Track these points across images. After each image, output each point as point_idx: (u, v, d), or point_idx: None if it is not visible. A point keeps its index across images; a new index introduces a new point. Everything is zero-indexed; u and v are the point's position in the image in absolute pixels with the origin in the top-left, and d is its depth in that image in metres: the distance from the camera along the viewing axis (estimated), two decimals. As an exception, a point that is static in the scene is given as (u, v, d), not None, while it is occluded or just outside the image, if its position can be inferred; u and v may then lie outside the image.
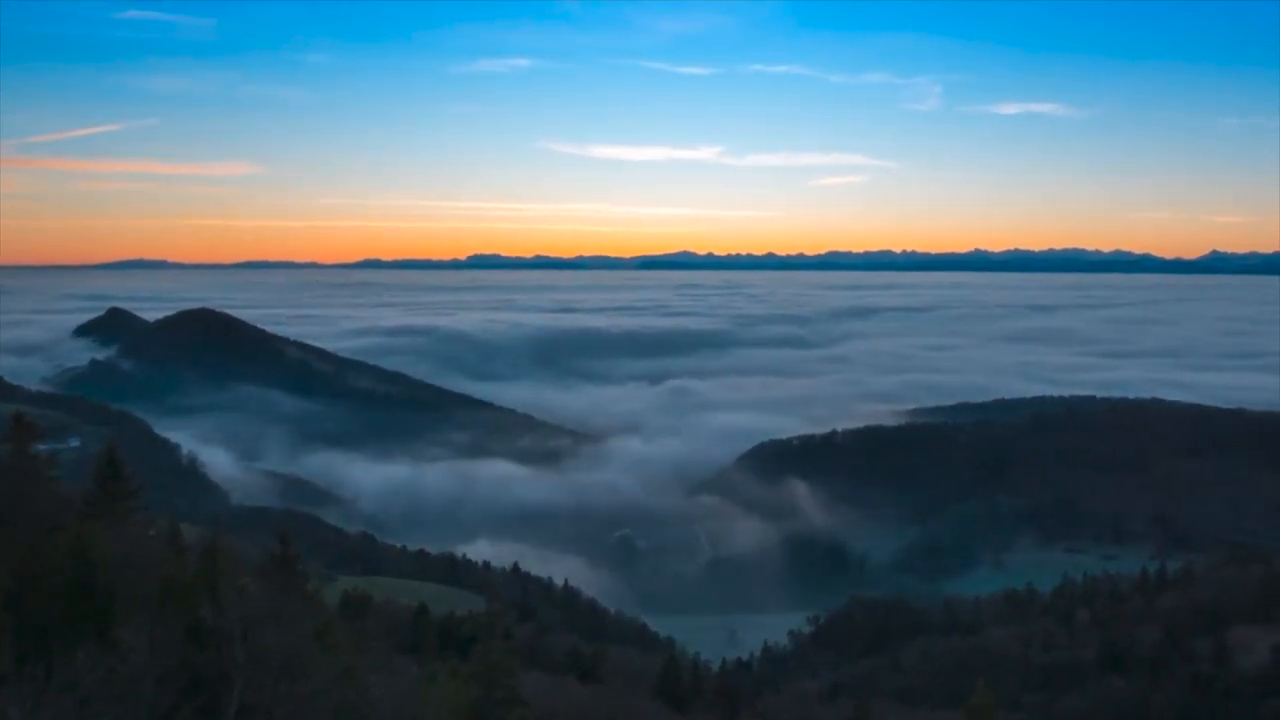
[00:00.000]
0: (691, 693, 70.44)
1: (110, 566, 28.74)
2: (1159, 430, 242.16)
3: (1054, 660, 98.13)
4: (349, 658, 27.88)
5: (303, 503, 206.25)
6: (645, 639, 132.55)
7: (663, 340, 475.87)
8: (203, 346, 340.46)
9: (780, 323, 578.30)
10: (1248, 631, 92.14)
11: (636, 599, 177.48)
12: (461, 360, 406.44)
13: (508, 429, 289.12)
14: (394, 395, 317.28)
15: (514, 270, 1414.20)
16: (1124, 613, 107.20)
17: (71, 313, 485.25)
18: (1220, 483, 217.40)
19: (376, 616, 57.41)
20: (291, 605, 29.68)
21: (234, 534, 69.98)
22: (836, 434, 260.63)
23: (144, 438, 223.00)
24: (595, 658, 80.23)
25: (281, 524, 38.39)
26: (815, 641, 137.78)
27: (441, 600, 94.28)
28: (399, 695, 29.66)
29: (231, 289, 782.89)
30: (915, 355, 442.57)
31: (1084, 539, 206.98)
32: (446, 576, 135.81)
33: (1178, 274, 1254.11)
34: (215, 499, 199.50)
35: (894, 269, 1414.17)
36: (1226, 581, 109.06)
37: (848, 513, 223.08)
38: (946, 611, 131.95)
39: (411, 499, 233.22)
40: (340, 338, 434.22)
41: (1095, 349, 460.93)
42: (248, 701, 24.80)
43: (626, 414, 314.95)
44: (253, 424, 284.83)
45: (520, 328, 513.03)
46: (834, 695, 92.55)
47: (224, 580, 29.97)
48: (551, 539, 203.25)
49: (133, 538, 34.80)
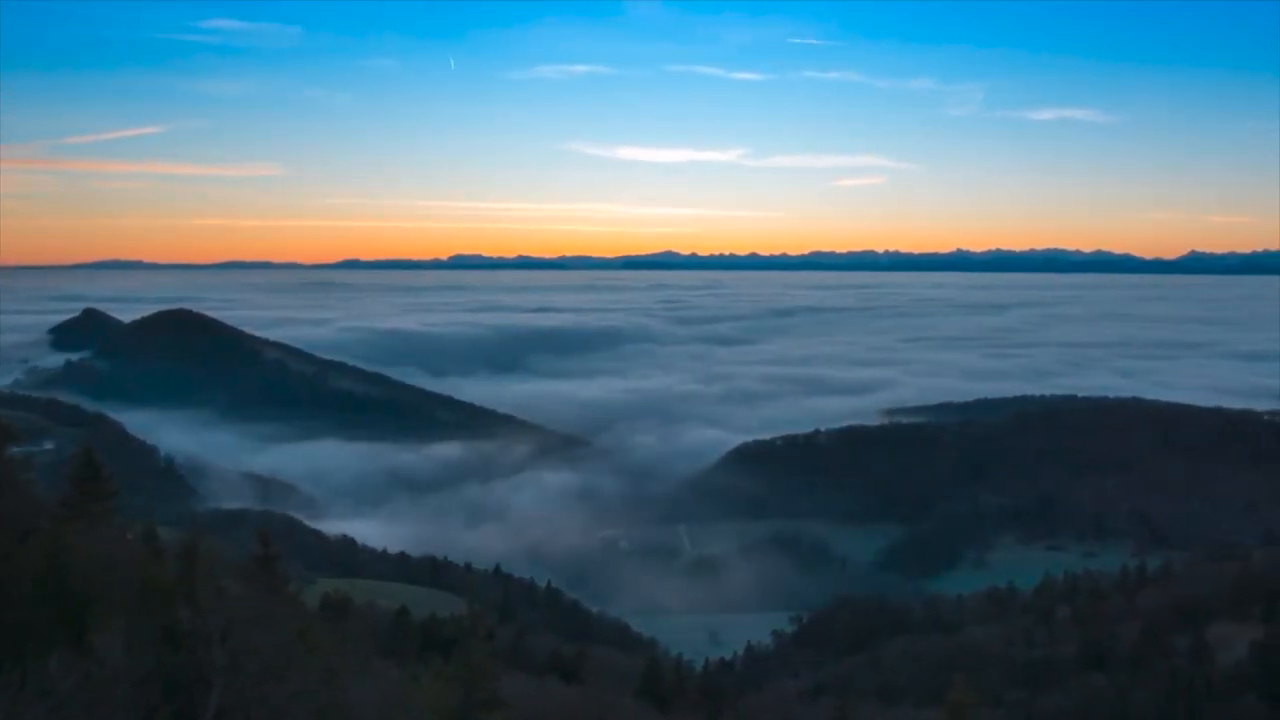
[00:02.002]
0: (674, 693, 70.28)
1: (86, 570, 28.30)
2: (1139, 429, 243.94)
3: (1035, 658, 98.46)
4: (329, 660, 27.54)
5: (282, 504, 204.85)
6: (628, 639, 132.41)
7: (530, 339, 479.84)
8: (179, 347, 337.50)
9: (700, 323, 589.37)
10: (1226, 628, 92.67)
11: (619, 599, 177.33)
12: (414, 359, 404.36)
13: (490, 429, 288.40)
14: (375, 396, 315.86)
15: (494, 270, 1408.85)
16: (1105, 610, 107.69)
17: (48, 313, 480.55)
18: (1199, 481, 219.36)
19: (357, 619, 56.93)
20: (271, 607, 29.31)
21: (212, 536, 69.37)
22: (819, 434, 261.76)
23: (120, 439, 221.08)
24: (577, 658, 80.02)
25: (260, 526, 37.91)
26: (798, 641, 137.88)
27: (422, 602, 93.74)
28: (379, 698, 29.33)
29: (229, 289, 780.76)
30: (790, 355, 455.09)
31: (1065, 537, 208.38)
32: (427, 578, 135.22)
33: (1157, 274, 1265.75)
34: (193, 501, 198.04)
35: (876, 269, 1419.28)
36: (1205, 579, 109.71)
37: (830, 512, 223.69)
38: (928, 610, 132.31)
39: (390, 499, 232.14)
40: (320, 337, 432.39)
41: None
42: (226, 705, 24.42)
43: (597, 412, 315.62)
44: (230, 425, 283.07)
45: (436, 329, 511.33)
46: (816, 694, 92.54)
47: (203, 582, 29.58)
48: (533, 539, 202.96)
49: (109, 540, 34.31)
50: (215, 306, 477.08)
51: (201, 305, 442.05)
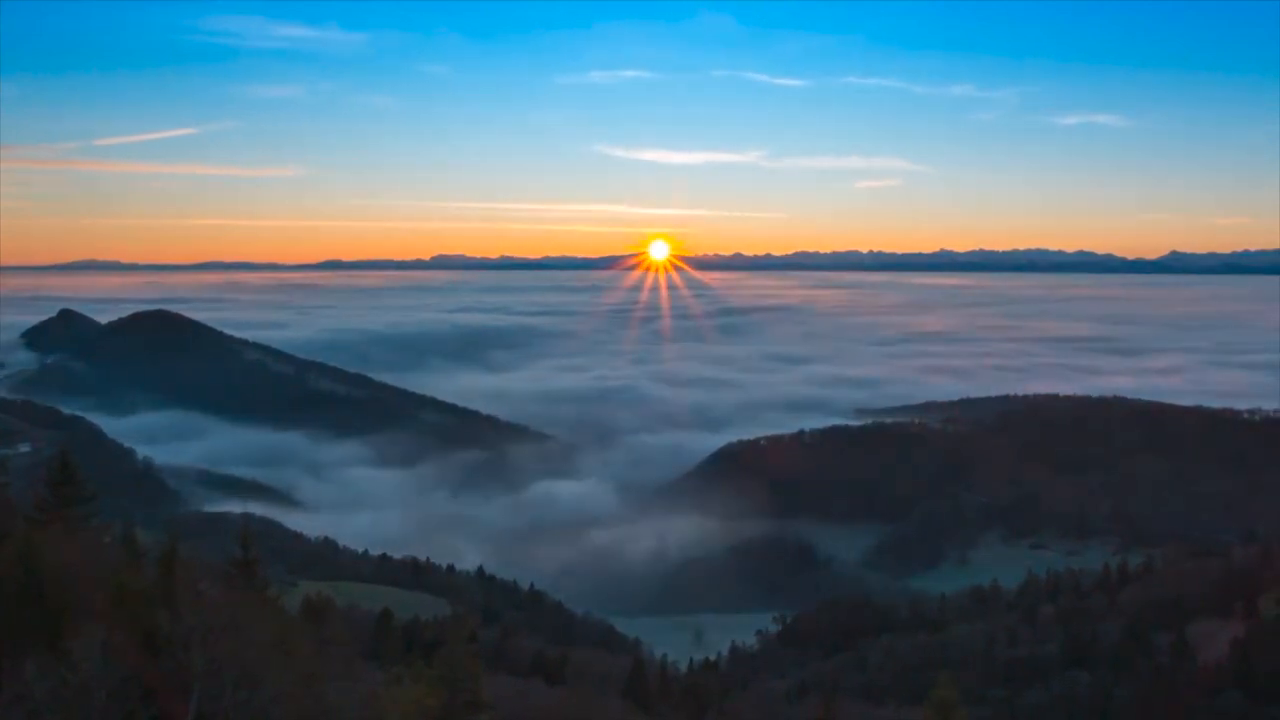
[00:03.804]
0: (659, 694, 70.16)
1: (61, 574, 27.88)
2: (1121, 429, 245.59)
3: (1018, 655, 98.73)
4: (309, 664, 27.20)
5: (262, 507, 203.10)
6: (612, 641, 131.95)
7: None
8: (157, 348, 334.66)
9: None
10: (1207, 625, 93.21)
11: (603, 601, 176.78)
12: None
13: (469, 429, 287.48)
14: (355, 396, 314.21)
15: (476, 270, 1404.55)
16: (1087, 608, 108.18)
17: (23, 314, 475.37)
18: (1180, 480, 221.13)
19: (339, 622, 56.46)
20: (250, 611, 28.92)
21: (191, 539, 68.68)
22: (804, 434, 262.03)
23: (97, 442, 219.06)
24: (561, 660, 79.80)
25: (240, 529, 37.57)
26: (782, 641, 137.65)
27: (405, 604, 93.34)
28: (360, 701, 29.00)
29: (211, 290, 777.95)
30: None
31: (1048, 536, 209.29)
32: (410, 580, 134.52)
33: (1138, 274, 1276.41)
34: (171, 504, 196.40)
35: (860, 269, 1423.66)
36: (1187, 577, 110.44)
37: (814, 512, 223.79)
38: (912, 609, 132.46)
39: (372, 501, 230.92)
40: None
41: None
42: (205, 710, 24.10)
43: (576, 411, 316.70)
44: (210, 427, 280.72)
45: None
46: (801, 694, 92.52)
47: (181, 586, 29.18)
48: (516, 541, 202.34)
49: (86, 544, 33.86)
50: (195, 308, 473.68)
51: (180, 306, 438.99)
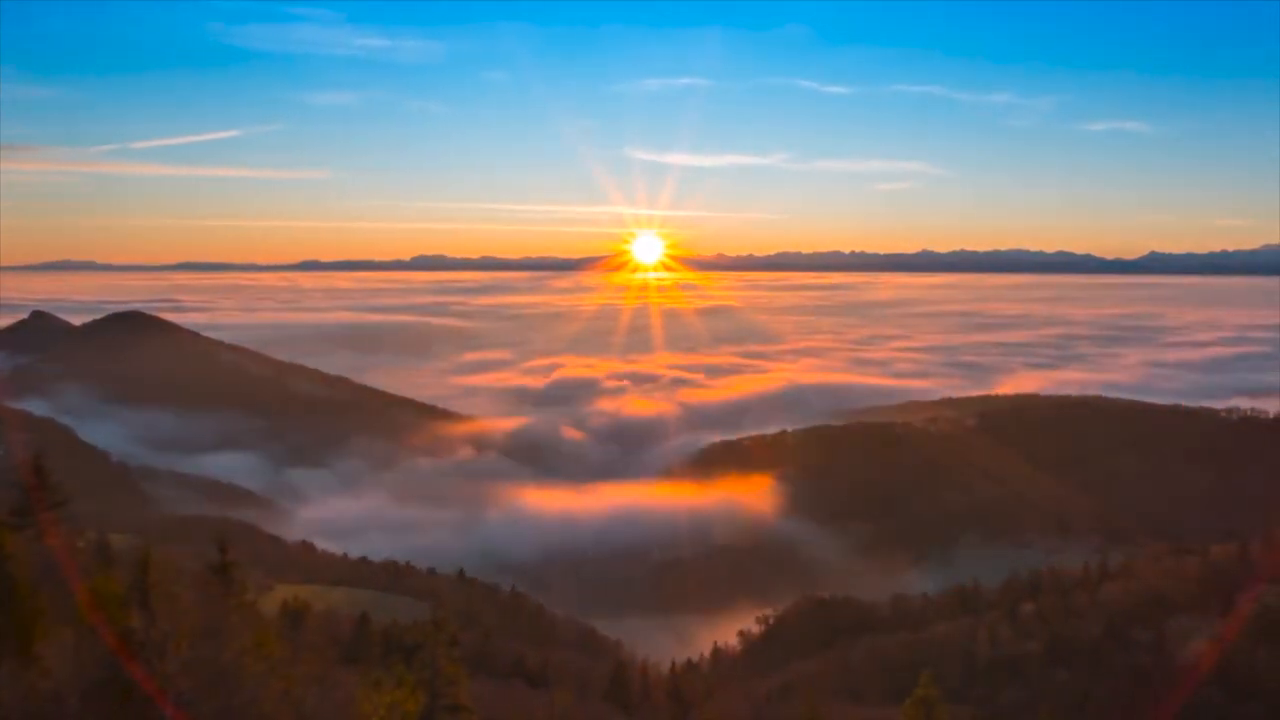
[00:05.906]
0: (641, 696, 69.89)
1: (32, 578, 27.45)
2: (1100, 428, 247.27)
3: (999, 654, 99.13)
4: (286, 669, 26.81)
5: (239, 510, 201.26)
6: (594, 643, 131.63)
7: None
8: (132, 349, 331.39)
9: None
10: (1186, 621, 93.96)
11: (584, 603, 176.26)
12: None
13: (449, 430, 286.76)
14: (335, 398, 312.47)
15: (458, 270, 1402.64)
16: (1068, 606, 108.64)
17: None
18: (1159, 478, 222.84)
19: (317, 626, 55.96)
20: (227, 616, 28.49)
21: (167, 543, 67.86)
22: (786, 434, 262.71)
23: (70, 445, 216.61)
24: (543, 663, 79.41)
25: (217, 532, 37.03)
26: (765, 641, 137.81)
27: (384, 608, 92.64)
28: (338, 706, 28.62)
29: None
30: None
31: (1029, 535, 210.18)
32: (389, 583, 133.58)
33: (1117, 274, 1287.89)
34: (146, 507, 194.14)
35: (842, 270, 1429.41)
36: (1166, 574, 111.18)
37: (796, 512, 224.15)
38: (894, 608, 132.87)
39: (352, 504, 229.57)
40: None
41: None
42: (180, 716, 23.68)
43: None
44: (185, 429, 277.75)
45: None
46: (784, 694, 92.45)
47: (156, 591, 28.71)
48: (497, 543, 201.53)
49: (58, 549, 33.32)
50: (172, 309, 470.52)
51: (167, 308, 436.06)
